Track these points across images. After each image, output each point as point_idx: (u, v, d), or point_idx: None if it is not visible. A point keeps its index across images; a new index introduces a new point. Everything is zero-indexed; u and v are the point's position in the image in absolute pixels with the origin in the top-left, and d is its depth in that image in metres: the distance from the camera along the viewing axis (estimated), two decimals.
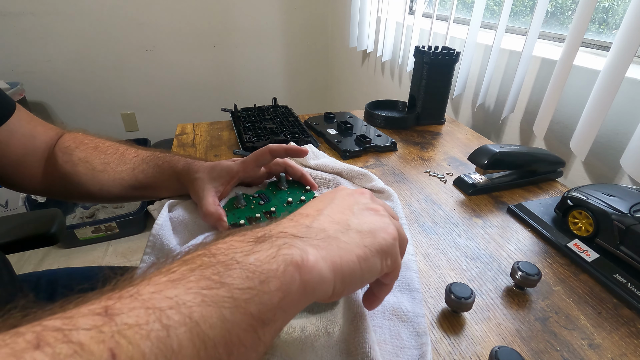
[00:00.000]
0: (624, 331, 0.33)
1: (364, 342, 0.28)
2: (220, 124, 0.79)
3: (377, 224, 0.26)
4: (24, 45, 1.62)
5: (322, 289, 0.22)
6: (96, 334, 0.15)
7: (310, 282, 0.21)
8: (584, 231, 0.43)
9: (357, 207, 0.28)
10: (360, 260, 0.24)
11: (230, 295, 0.18)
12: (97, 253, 1.51)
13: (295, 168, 0.48)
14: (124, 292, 0.17)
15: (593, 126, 0.56)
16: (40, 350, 0.13)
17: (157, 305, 0.16)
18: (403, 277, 0.37)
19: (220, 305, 0.18)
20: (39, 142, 0.46)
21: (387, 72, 1.40)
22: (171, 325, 0.16)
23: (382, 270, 0.26)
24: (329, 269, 0.22)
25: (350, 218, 0.27)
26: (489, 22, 0.97)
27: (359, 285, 0.25)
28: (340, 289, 0.23)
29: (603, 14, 0.72)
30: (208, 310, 0.17)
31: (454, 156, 0.67)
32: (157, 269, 0.19)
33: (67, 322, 0.15)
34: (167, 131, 1.99)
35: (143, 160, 0.46)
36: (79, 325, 0.15)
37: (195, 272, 0.19)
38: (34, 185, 0.47)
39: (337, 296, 0.24)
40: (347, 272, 0.23)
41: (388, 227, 0.27)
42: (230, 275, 0.19)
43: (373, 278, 0.25)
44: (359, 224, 0.26)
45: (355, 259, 0.24)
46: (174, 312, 0.16)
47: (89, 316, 0.15)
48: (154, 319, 0.16)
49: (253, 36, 1.92)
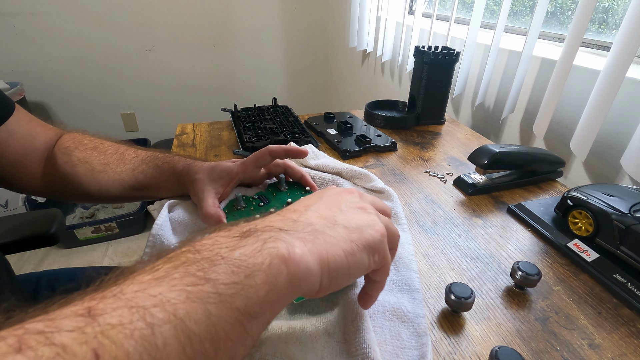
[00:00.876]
0: (624, 331, 0.33)
1: (364, 342, 0.28)
2: (220, 124, 0.79)
3: (365, 221, 0.27)
4: (24, 45, 1.62)
5: (309, 282, 0.22)
6: (79, 335, 0.14)
7: (297, 274, 0.21)
8: (584, 231, 0.43)
9: (345, 204, 0.28)
10: (347, 254, 0.24)
11: (215, 291, 0.18)
12: (97, 253, 1.51)
13: (295, 169, 0.48)
14: (107, 292, 0.17)
15: (593, 126, 0.56)
16: (22, 353, 0.13)
17: (140, 304, 0.16)
18: (403, 278, 0.37)
19: (205, 301, 0.18)
20: (38, 143, 0.46)
21: (387, 72, 1.40)
22: (155, 323, 0.16)
23: (370, 266, 0.26)
24: (315, 262, 0.22)
25: (337, 214, 0.27)
26: (489, 22, 0.97)
27: (346, 280, 0.25)
28: (327, 283, 0.23)
29: (603, 14, 0.72)
30: (193, 306, 0.17)
31: (454, 156, 0.67)
32: (142, 268, 0.19)
33: (49, 325, 0.15)
34: (167, 131, 1.99)
35: (143, 161, 0.46)
36: (62, 327, 0.15)
37: (179, 269, 0.19)
38: (33, 185, 0.47)
39: (323, 291, 0.24)
40: (334, 266, 0.23)
41: (375, 224, 0.27)
42: (215, 270, 0.19)
43: (360, 273, 0.26)
44: (346, 220, 0.26)
45: (342, 253, 0.24)
46: (158, 310, 0.16)
47: (72, 317, 0.15)
48: (137, 318, 0.16)
49: (253, 36, 1.92)
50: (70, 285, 0.58)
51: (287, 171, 0.49)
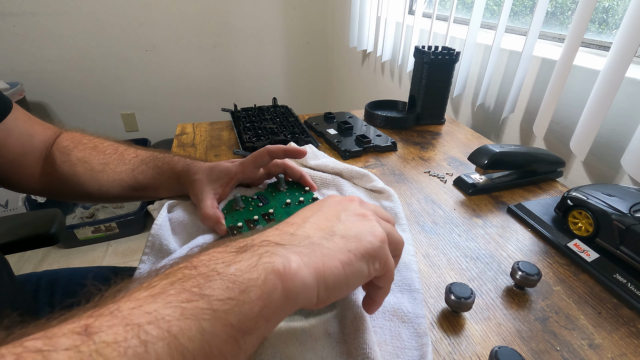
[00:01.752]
0: (624, 331, 0.33)
1: (364, 342, 0.28)
2: (220, 124, 0.79)
3: (364, 229, 0.26)
4: (24, 45, 1.62)
5: (305, 295, 0.22)
6: (74, 353, 0.15)
7: (293, 289, 0.21)
8: (584, 231, 0.43)
9: (344, 214, 0.28)
10: (344, 265, 0.24)
11: (209, 307, 0.19)
12: (97, 253, 1.51)
13: (295, 169, 0.48)
14: (104, 310, 0.17)
15: (593, 126, 0.56)
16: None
17: (135, 321, 0.17)
18: (403, 278, 0.37)
19: (199, 318, 0.18)
20: (36, 141, 0.46)
21: (387, 72, 1.40)
22: (149, 340, 0.16)
23: (370, 274, 0.25)
24: (311, 275, 0.22)
25: (335, 225, 0.27)
26: (489, 22, 0.97)
27: (345, 290, 0.25)
28: (325, 295, 0.23)
29: (603, 14, 0.72)
30: (187, 323, 0.18)
31: (454, 156, 0.67)
32: (139, 284, 0.19)
33: (47, 343, 0.15)
34: (167, 131, 1.99)
35: (142, 161, 0.46)
36: (59, 346, 0.15)
37: (175, 285, 0.19)
38: (33, 184, 0.47)
39: (322, 303, 0.24)
40: (331, 278, 0.23)
41: (375, 231, 0.26)
42: (211, 286, 0.19)
43: (360, 282, 0.25)
44: (344, 230, 0.26)
45: (339, 264, 0.24)
46: (152, 327, 0.17)
47: (69, 335, 0.16)
48: (132, 336, 0.16)
49: (253, 36, 1.92)
50: (72, 284, 0.58)
51: (287, 171, 0.48)
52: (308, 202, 0.45)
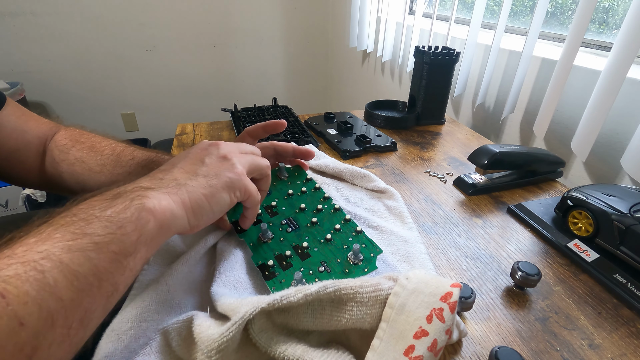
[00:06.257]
0: (624, 331, 0.33)
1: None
2: (221, 124, 0.79)
3: (223, 167, 0.32)
4: (24, 45, 1.62)
5: (177, 224, 0.28)
6: None
7: (164, 220, 0.27)
8: (584, 231, 0.43)
9: (208, 158, 0.33)
10: (206, 197, 0.30)
11: (92, 241, 0.23)
12: None
13: (285, 145, 0.46)
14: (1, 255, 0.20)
15: (594, 126, 0.56)
16: None
17: (30, 258, 0.20)
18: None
19: (85, 249, 0.22)
20: (30, 137, 0.46)
21: (387, 72, 1.40)
22: (46, 269, 0.20)
23: (233, 201, 0.32)
24: (179, 207, 0.28)
25: (199, 168, 0.32)
26: (489, 22, 0.97)
27: (212, 215, 0.31)
28: (195, 221, 0.30)
29: (603, 14, 0.72)
30: (75, 254, 0.22)
31: (454, 156, 0.67)
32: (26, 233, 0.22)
33: None
34: (167, 131, 1.99)
35: (139, 164, 0.45)
36: None
37: (59, 230, 0.23)
38: (32, 179, 0.47)
39: (196, 228, 0.30)
40: (197, 207, 0.29)
41: (233, 167, 0.32)
42: (91, 227, 0.23)
43: (225, 208, 0.32)
44: (207, 171, 0.32)
45: (202, 197, 0.30)
46: (45, 261, 0.20)
47: None
48: (30, 268, 0.20)
49: (253, 36, 1.92)
50: None
51: (277, 149, 0.46)
52: (310, 191, 0.45)
